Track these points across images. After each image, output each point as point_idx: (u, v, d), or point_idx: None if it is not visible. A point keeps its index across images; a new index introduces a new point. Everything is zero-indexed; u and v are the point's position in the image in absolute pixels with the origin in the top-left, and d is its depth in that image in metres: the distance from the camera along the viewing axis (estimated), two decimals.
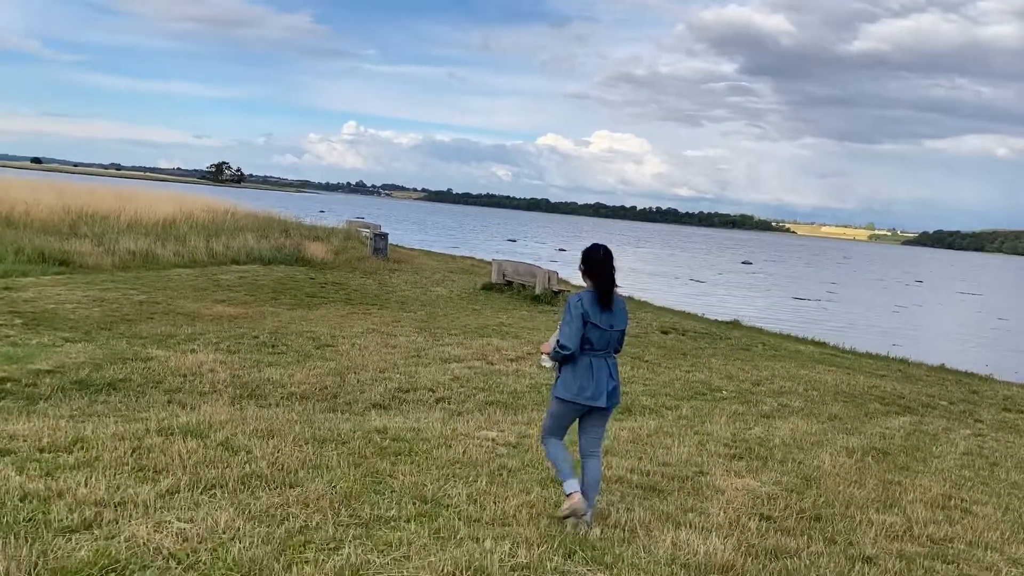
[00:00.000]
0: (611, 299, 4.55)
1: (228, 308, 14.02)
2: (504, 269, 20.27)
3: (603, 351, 4.56)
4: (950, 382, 13.57)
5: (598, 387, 4.53)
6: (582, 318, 4.47)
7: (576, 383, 4.54)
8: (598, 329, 4.49)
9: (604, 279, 4.55)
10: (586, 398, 4.53)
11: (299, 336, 11.53)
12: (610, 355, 4.63)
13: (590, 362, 4.53)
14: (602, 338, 4.53)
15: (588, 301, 4.51)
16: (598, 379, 4.53)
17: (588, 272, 4.60)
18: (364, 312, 15.15)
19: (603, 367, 4.56)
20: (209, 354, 9.26)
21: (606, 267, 4.56)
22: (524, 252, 52.40)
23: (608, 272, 4.56)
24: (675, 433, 7.53)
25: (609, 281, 4.56)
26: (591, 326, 4.48)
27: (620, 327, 4.62)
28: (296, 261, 21.59)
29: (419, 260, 27.19)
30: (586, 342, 4.49)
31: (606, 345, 4.56)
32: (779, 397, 10.25)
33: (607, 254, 4.62)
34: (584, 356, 4.52)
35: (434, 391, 8.61)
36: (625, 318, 4.67)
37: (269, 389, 7.90)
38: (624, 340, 4.76)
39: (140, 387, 7.46)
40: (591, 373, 4.53)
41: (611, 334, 4.56)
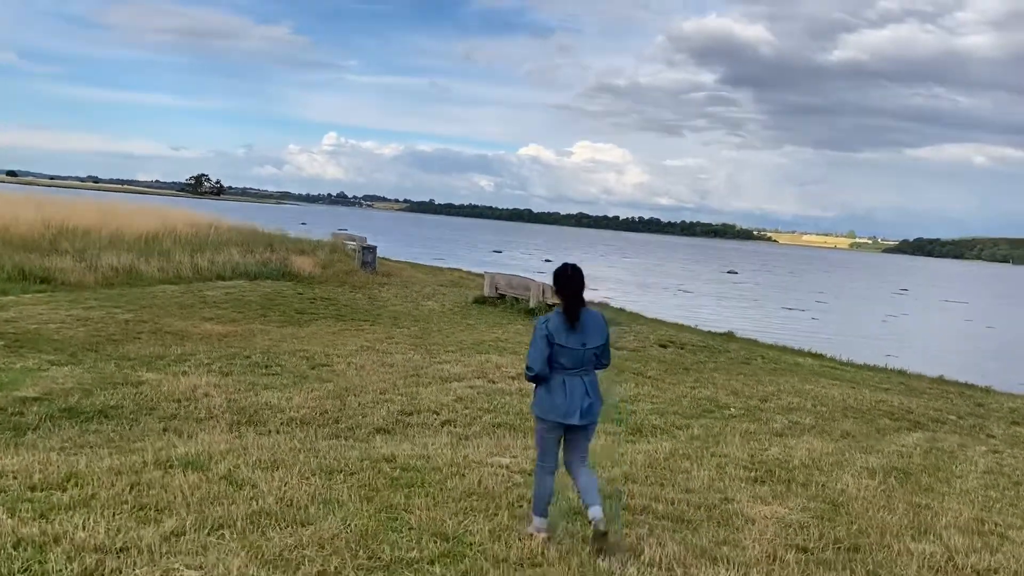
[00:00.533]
0: (577, 318, 4.50)
1: (217, 326, 13.65)
2: (497, 282, 19.99)
3: (576, 369, 4.53)
4: (953, 395, 13.40)
5: (570, 405, 4.53)
6: (546, 340, 4.47)
7: (550, 401, 4.55)
8: (567, 349, 4.48)
9: (572, 298, 4.52)
10: (559, 415, 4.54)
11: (292, 356, 11.20)
12: (587, 372, 4.60)
13: (563, 380, 4.53)
14: (573, 357, 4.51)
15: (554, 322, 4.51)
16: (571, 397, 4.53)
17: (558, 291, 4.60)
18: (356, 328, 14.82)
19: (577, 385, 4.55)
20: (202, 377, 8.91)
21: (574, 285, 4.55)
22: (510, 264, 52.15)
23: (576, 291, 4.53)
24: (692, 455, 7.27)
25: (576, 300, 4.52)
26: (559, 347, 4.47)
27: (594, 344, 4.55)
28: (283, 276, 21.20)
29: (408, 273, 26.87)
30: (556, 362, 4.49)
31: (579, 363, 4.53)
32: (788, 414, 10.02)
33: (575, 272, 4.61)
34: (557, 375, 4.52)
35: (438, 413, 8.31)
36: (600, 335, 4.59)
37: (268, 414, 7.57)
38: (609, 354, 4.70)
39: (133, 414, 7.11)
40: (564, 391, 4.52)
41: (583, 352, 4.52)
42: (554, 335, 4.47)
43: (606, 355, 4.68)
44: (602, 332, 4.61)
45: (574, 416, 4.54)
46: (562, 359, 4.48)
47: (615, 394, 5.87)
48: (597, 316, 4.63)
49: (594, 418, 4.68)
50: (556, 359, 4.48)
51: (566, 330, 4.48)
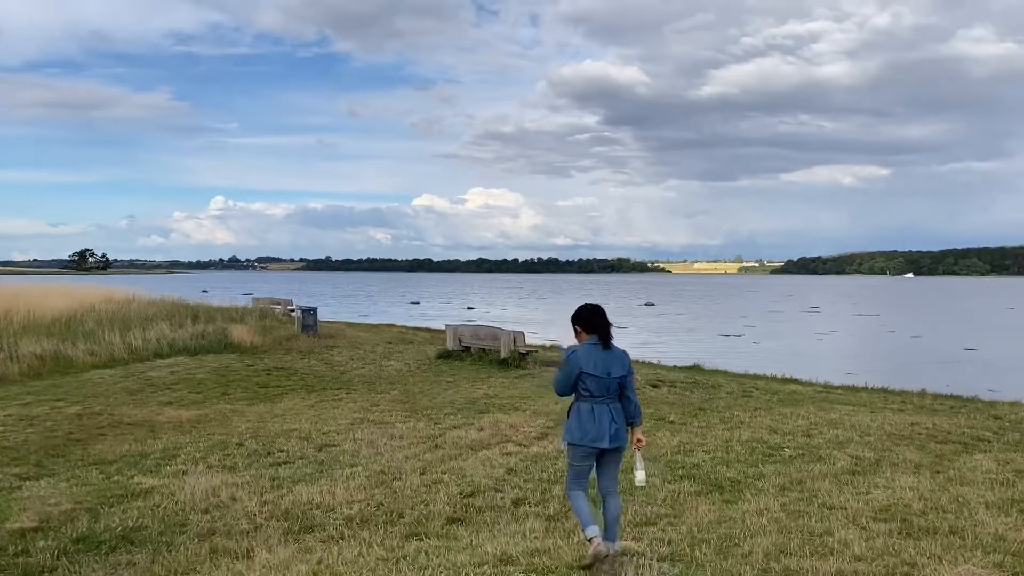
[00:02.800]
0: (610, 346, 4.98)
1: (181, 411, 12.14)
2: (460, 334, 18.94)
3: (603, 397, 4.92)
4: (960, 409, 13.09)
5: (599, 430, 4.90)
6: (576, 371, 4.90)
7: (580, 427, 4.93)
8: (593, 377, 4.89)
9: (602, 330, 5.01)
10: (590, 440, 4.91)
11: (287, 438, 9.91)
12: (613, 401, 4.96)
13: (592, 408, 4.91)
14: (600, 385, 4.90)
15: (584, 352, 4.94)
16: (599, 423, 4.90)
17: (585, 329, 5.05)
18: (333, 399, 13.51)
19: (604, 412, 4.92)
20: (212, 476, 7.59)
21: (603, 319, 5.05)
22: (433, 314, 51.00)
23: (605, 324, 5.04)
24: (810, 512, 6.48)
25: (606, 332, 5.02)
26: (586, 375, 4.88)
27: (617, 374, 4.95)
28: (224, 348, 19.60)
29: (348, 333, 25.45)
30: (585, 389, 4.91)
31: (605, 391, 4.92)
32: (843, 448, 9.37)
33: (598, 308, 5.12)
34: (585, 402, 4.92)
35: (500, 491, 7.24)
36: (622, 366, 4.99)
37: (319, 515, 6.36)
38: (633, 391, 5.09)
39: (163, 535, 5.79)
40: (593, 418, 4.89)
41: (609, 381, 4.92)
42: (583, 363, 4.90)
43: (631, 390, 5.05)
44: (624, 364, 5.02)
45: (603, 440, 4.91)
46: (590, 386, 4.89)
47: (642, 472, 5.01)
48: (620, 351, 5.07)
49: (621, 442, 5.01)
50: (584, 386, 4.90)
51: (596, 361, 4.91)
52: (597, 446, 4.92)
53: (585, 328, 5.06)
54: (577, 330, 5.11)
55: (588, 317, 5.07)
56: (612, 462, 5.13)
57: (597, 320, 5.03)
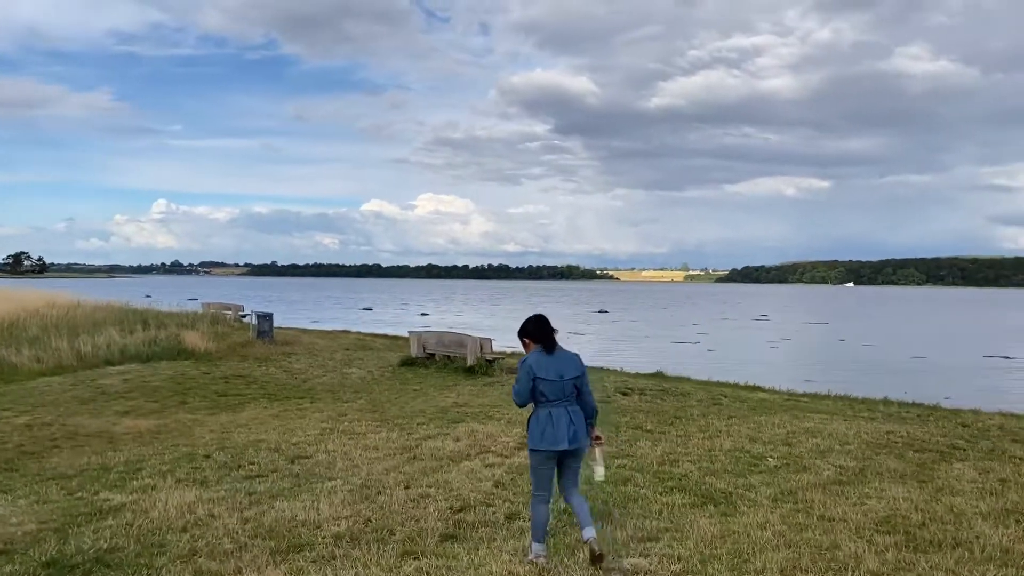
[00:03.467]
0: (554, 351, 5.21)
1: (139, 421, 11.61)
2: (425, 341, 18.60)
3: (559, 400, 5.12)
4: (930, 418, 13.21)
5: (557, 433, 5.09)
6: (529, 377, 5.11)
7: (539, 432, 5.12)
8: (547, 382, 5.09)
9: (546, 338, 5.23)
10: (549, 443, 5.10)
11: (256, 449, 9.50)
12: (570, 404, 5.16)
13: (549, 412, 5.11)
14: (554, 389, 5.10)
15: (534, 358, 5.18)
16: (557, 427, 5.09)
17: (533, 340, 5.28)
18: (297, 408, 13.08)
19: (562, 415, 5.11)
20: (184, 491, 7.18)
21: (546, 328, 5.25)
22: (387, 320, 50.44)
23: (548, 332, 5.24)
24: (813, 525, 6.36)
25: (550, 339, 5.22)
26: (540, 380, 5.09)
27: (570, 375, 5.17)
28: (178, 354, 18.96)
29: (305, 340, 24.89)
30: (541, 394, 5.10)
31: (561, 394, 5.12)
32: (825, 457, 9.30)
33: (542, 319, 5.32)
34: (543, 408, 5.12)
35: (491, 506, 6.97)
36: (575, 368, 5.23)
37: (305, 533, 6.01)
38: (589, 392, 5.33)
39: (140, 557, 5.39)
40: (551, 422, 5.09)
41: (563, 384, 5.13)
42: (535, 369, 5.11)
43: (587, 392, 5.31)
44: (576, 366, 5.26)
45: (563, 443, 5.12)
46: (546, 391, 5.09)
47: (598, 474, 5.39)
48: (571, 354, 5.33)
49: (580, 443, 5.22)
50: (540, 392, 5.09)
51: (547, 365, 5.13)
52: (557, 449, 5.13)
53: (532, 339, 5.31)
54: (525, 342, 5.38)
55: (533, 328, 5.30)
56: (572, 463, 5.36)
57: (541, 329, 5.28)
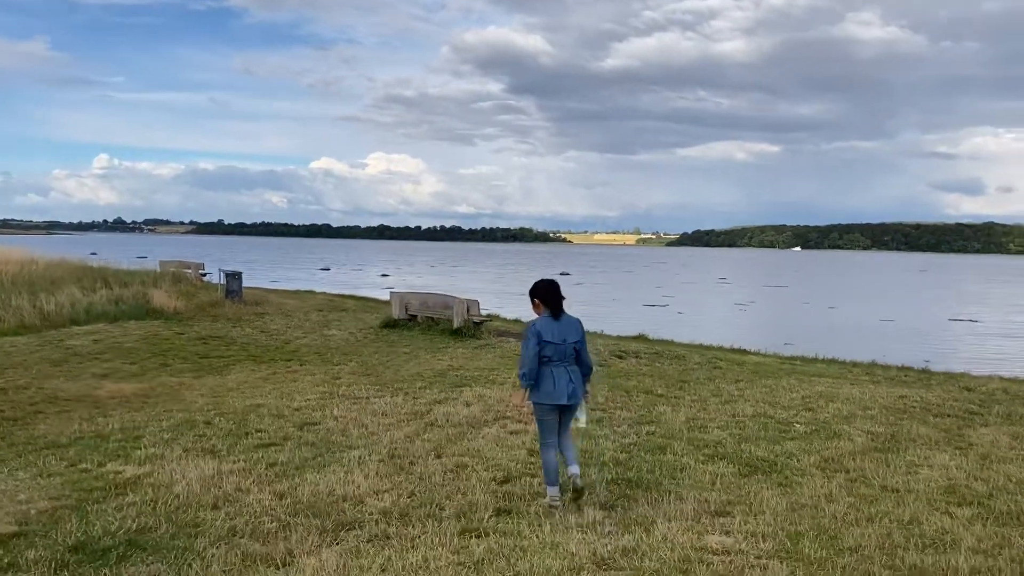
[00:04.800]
0: (561, 316, 5.71)
1: (122, 384, 10.91)
2: (407, 302, 18.01)
3: (561, 361, 5.64)
4: (932, 382, 13.12)
5: (558, 390, 5.62)
6: (538, 338, 5.57)
7: (543, 389, 5.64)
8: (552, 344, 5.60)
9: (556, 303, 5.71)
10: (552, 399, 5.63)
11: (257, 415, 8.93)
12: (570, 364, 5.69)
13: (551, 371, 5.62)
14: (557, 351, 5.62)
15: (541, 323, 5.66)
16: (558, 384, 5.62)
17: (544, 302, 5.72)
18: (287, 371, 12.47)
19: (563, 374, 5.65)
20: (200, 462, 6.60)
21: (557, 294, 5.74)
22: (346, 280, 49.54)
23: (558, 297, 5.73)
24: (879, 496, 6.07)
25: (559, 304, 5.72)
26: (546, 343, 5.58)
27: (572, 339, 5.69)
28: (147, 314, 18.08)
29: (274, 300, 24.07)
30: (545, 355, 5.58)
31: (563, 356, 5.64)
32: (851, 423, 9.07)
33: (554, 283, 5.82)
34: (545, 367, 5.61)
35: (534, 476, 6.54)
36: (576, 333, 5.75)
37: (349, 509, 5.51)
38: (587, 354, 5.83)
39: (175, 538, 4.83)
40: (552, 380, 5.62)
41: (565, 347, 5.64)
42: (543, 333, 5.59)
43: (585, 353, 5.81)
44: (577, 330, 5.77)
45: (563, 398, 5.65)
46: (549, 353, 5.59)
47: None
48: (573, 319, 5.80)
49: (577, 400, 5.75)
50: (544, 354, 5.57)
51: (553, 329, 5.63)
52: (557, 403, 5.63)
53: (543, 301, 5.72)
54: (536, 302, 5.78)
55: (545, 291, 5.73)
56: (567, 416, 5.85)
57: (553, 294, 5.72)
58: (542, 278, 5.91)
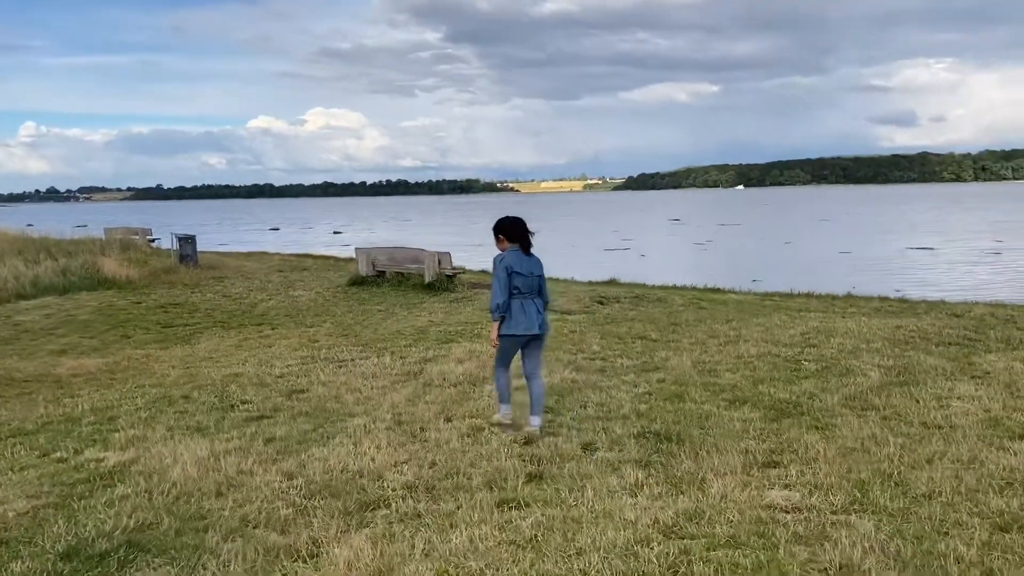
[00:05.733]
0: (529, 251, 5.93)
1: (83, 360, 10.15)
2: (375, 258, 17.32)
3: (529, 294, 5.86)
4: (918, 311, 12.98)
5: (530, 321, 5.87)
6: (507, 271, 5.74)
7: (514, 321, 5.83)
8: (522, 276, 5.79)
9: (524, 237, 5.91)
10: (524, 330, 5.87)
11: (238, 385, 8.31)
12: (535, 297, 5.91)
13: (521, 304, 5.83)
14: (526, 283, 5.82)
15: (510, 258, 5.82)
16: (529, 315, 5.85)
17: (508, 237, 5.91)
18: (259, 336, 11.80)
19: (531, 306, 5.87)
20: (190, 442, 5.99)
21: (524, 228, 5.93)
22: (298, 239, 48.38)
23: (526, 232, 5.94)
24: (923, 434, 5.75)
25: (527, 238, 5.93)
26: (516, 275, 5.76)
27: (538, 272, 5.93)
28: (98, 284, 17.12)
29: (230, 263, 23.12)
30: (515, 289, 5.78)
31: (531, 289, 5.86)
32: (859, 357, 8.78)
33: (519, 219, 5.97)
34: (515, 300, 5.81)
35: (555, 435, 6.09)
36: (540, 267, 5.97)
37: (368, 486, 4.98)
38: (546, 287, 6.02)
39: (182, 535, 4.25)
40: (524, 311, 5.84)
41: (532, 280, 5.86)
42: (513, 265, 5.78)
43: (544, 288, 6.01)
44: (540, 265, 5.99)
45: (535, 328, 5.91)
46: (519, 284, 5.79)
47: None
48: (534, 256, 5.98)
49: (545, 330, 6.04)
50: (514, 286, 5.77)
51: (521, 262, 5.83)
52: (529, 334, 5.89)
53: (508, 236, 5.89)
54: (500, 238, 5.94)
55: (511, 227, 5.89)
56: (536, 348, 6.08)
57: (519, 230, 5.90)
58: (507, 215, 6.03)
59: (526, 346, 6.01)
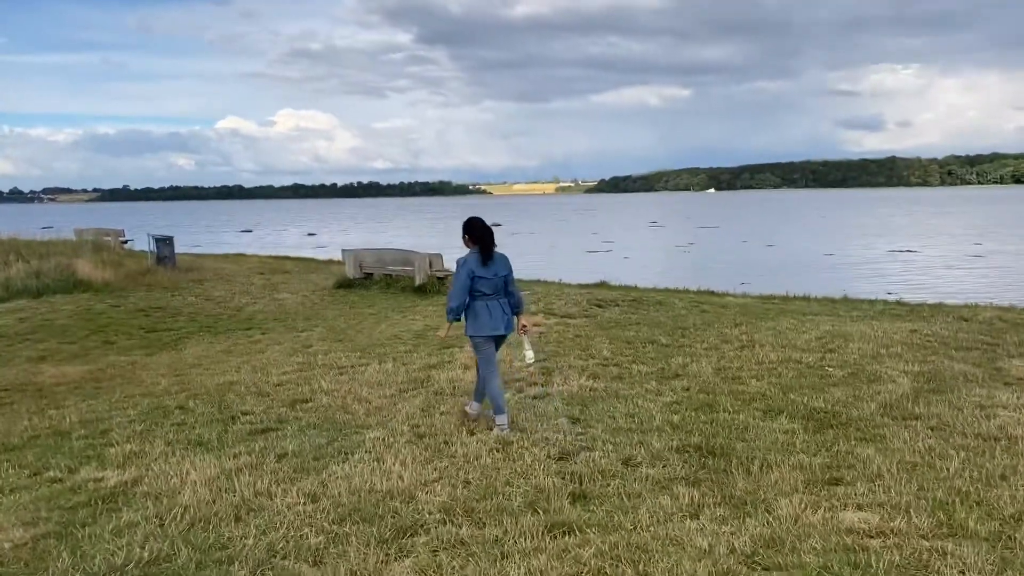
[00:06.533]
0: (492, 254, 5.95)
1: (65, 368, 9.58)
2: (362, 260, 16.81)
3: (493, 295, 5.94)
4: (924, 315, 12.75)
5: (495, 322, 5.98)
6: (469, 275, 5.85)
7: (479, 322, 5.97)
8: (485, 279, 5.89)
9: (489, 240, 5.95)
10: (489, 330, 5.99)
11: (236, 394, 7.81)
12: (501, 297, 6.00)
13: (486, 304, 5.94)
14: (490, 285, 5.92)
15: (473, 260, 5.91)
16: (494, 316, 5.96)
17: (473, 239, 5.97)
18: (249, 341, 11.27)
19: (496, 306, 5.97)
20: (195, 459, 5.51)
21: (489, 232, 5.98)
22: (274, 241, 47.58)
23: (491, 235, 5.98)
24: (997, 448, 5.43)
25: (492, 241, 5.97)
26: (479, 279, 5.87)
27: (503, 273, 5.98)
28: (74, 287, 16.43)
29: (208, 265, 22.47)
30: (478, 290, 5.88)
31: (495, 290, 5.95)
32: (882, 363, 8.48)
33: (484, 223, 6.01)
34: (480, 301, 5.91)
35: (591, 449, 5.69)
36: (505, 267, 6.02)
37: (402, 509, 4.54)
38: (515, 285, 6.11)
39: (204, 568, 3.78)
40: (488, 312, 5.95)
41: (496, 280, 5.94)
42: (475, 270, 5.86)
43: (514, 286, 6.11)
44: (506, 264, 6.05)
45: (500, 328, 6.02)
46: (483, 287, 5.89)
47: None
48: (501, 254, 6.03)
49: (510, 330, 6.12)
50: (477, 289, 5.87)
51: (482, 265, 5.89)
52: (495, 334, 6.02)
53: (473, 238, 5.98)
54: (467, 238, 6.04)
55: (479, 229, 5.97)
56: (497, 348, 6.24)
57: (485, 233, 5.96)
58: (476, 216, 6.11)
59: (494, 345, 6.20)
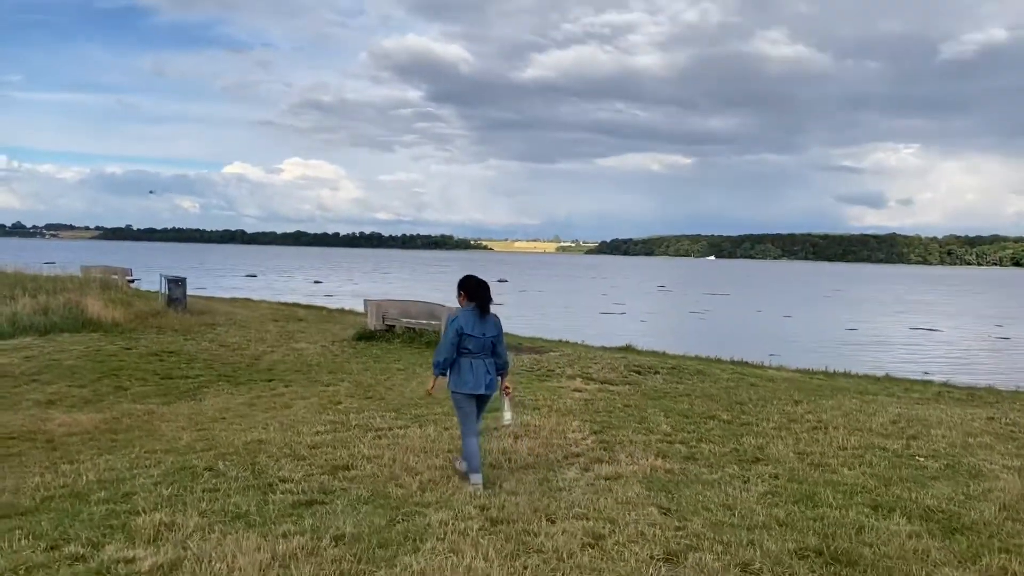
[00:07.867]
0: (486, 314, 6.10)
1: (77, 415, 8.79)
2: (385, 311, 16.10)
3: (479, 354, 6.07)
4: (985, 399, 12.03)
5: (477, 380, 6.08)
6: (457, 332, 5.98)
7: (462, 379, 6.08)
8: (473, 338, 6.03)
9: (484, 300, 6.08)
10: (469, 388, 6.09)
11: (267, 456, 7.03)
12: (487, 357, 6.11)
13: (470, 363, 6.07)
14: (477, 344, 6.05)
15: (464, 318, 6.04)
16: (477, 375, 6.08)
17: (468, 296, 6.13)
18: (272, 393, 10.51)
19: (481, 365, 6.09)
20: (240, 537, 4.73)
21: (486, 291, 6.12)
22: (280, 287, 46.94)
23: (487, 295, 6.11)
24: None
25: (488, 301, 6.10)
26: (467, 336, 6.01)
27: (491, 335, 6.11)
28: (83, 326, 15.70)
29: (219, 309, 21.75)
30: (465, 348, 6.02)
31: (482, 349, 6.07)
32: (973, 454, 7.75)
33: (483, 281, 6.19)
34: (465, 359, 6.05)
35: (698, 550, 4.92)
36: (495, 328, 6.15)
37: None
38: (503, 347, 6.23)
39: None
40: (472, 370, 6.07)
41: (484, 340, 6.07)
42: (464, 327, 6.01)
43: (502, 347, 6.22)
44: (496, 326, 6.16)
45: (481, 388, 6.10)
46: (470, 345, 6.02)
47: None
48: (493, 315, 6.18)
49: (493, 390, 6.18)
50: (464, 346, 6.01)
51: (474, 324, 6.03)
52: (475, 392, 6.04)
53: (468, 295, 6.07)
54: (461, 294, 6.12)
55: (475, 287, 6.08)
56: (482, 407, 6.27)
57: (481, 292, 6.04)
58: (472, 274, 6.20)
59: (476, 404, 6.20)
